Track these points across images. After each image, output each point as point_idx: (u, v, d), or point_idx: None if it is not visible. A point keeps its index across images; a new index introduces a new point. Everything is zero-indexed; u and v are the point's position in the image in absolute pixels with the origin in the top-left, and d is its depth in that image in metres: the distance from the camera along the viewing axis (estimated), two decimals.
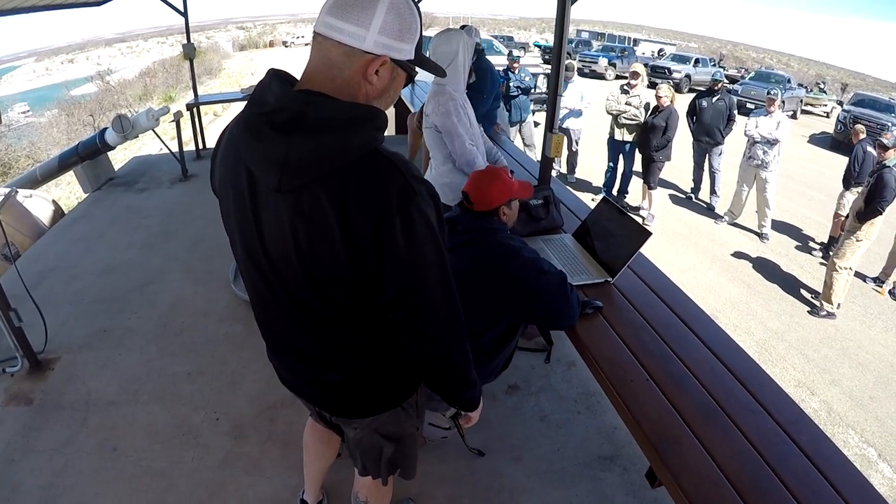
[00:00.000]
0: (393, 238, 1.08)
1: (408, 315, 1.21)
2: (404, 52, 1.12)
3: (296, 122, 1.05)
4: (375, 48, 1.07)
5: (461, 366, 1.36)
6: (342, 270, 1.14)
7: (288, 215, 1.12)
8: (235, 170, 1.19)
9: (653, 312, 2.33)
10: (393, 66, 1.12)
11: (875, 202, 5.19)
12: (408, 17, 1.10)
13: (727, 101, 7.54)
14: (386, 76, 1.12)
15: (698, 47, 52.05)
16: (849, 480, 1.57)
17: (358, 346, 1.32)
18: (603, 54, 26.34)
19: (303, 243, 1.13)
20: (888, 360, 4.92)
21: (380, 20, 1.06)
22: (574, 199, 3.66)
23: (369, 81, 1.10)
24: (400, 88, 1.20)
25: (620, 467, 2.68)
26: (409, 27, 1.10)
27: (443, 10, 44.76)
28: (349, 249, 1.10)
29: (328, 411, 1.50)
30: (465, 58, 3.02)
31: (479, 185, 2.12)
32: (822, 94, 22.73)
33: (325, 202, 1.07)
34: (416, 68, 1.19)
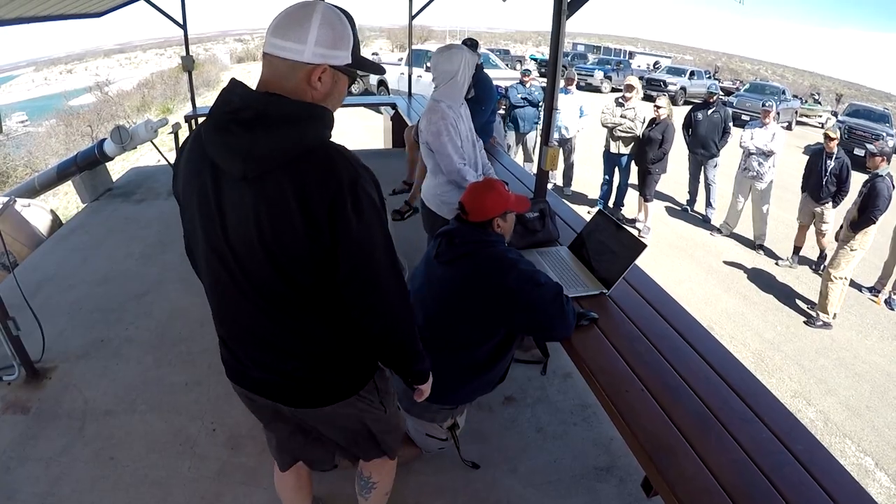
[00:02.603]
0: (345, 216, 1.22)
1: (360, 290, 1.32)
2: (340, 58, 1.27)
3: (259, 118, 1.20)
4: (314, 58, 1.23)
5: (410, 338, 1.48)
6: (302, 248, 1.26)
7: (251, 201, 1.24)
8: (200, 167, 1.31)
9: (648, 323, 2.34)
10: (333, 71, 1.27)
11: (868, 211, 5.23)
12: (339, 27, 1.25)
13: (722, 114, 7.59)
14: (328, 81, 1.27)
15: (693, 60, 52.37)
16: (844, 489, 1.57)
17: (315, 329, 1.41)
18: (598, 67, 26.46)
19: (265, 226, 1.25)
20: (885, 370, 4.94)
21: (314, 34, 1.21)
22: (570, 211, 3.68)
23: (314, 87, 1.25)
24: (344, 91, 1.35)
25: (617, 478, 2.68)
26: (341, 36, 1.25)
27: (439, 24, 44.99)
28: (308, 227, 1.22)
29: (288, 402, 1.54)
30: (465, 75, 3.04)
31: (474, 196, 2.14)
32: (816, 105, 22.90)
33: (287, 187, 1.21)
34: (356, 71, 1.33)
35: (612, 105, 7.50)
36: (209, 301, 1.53)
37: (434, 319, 2.15)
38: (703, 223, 8.07)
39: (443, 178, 3.11)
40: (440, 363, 2.14)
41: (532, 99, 8.07)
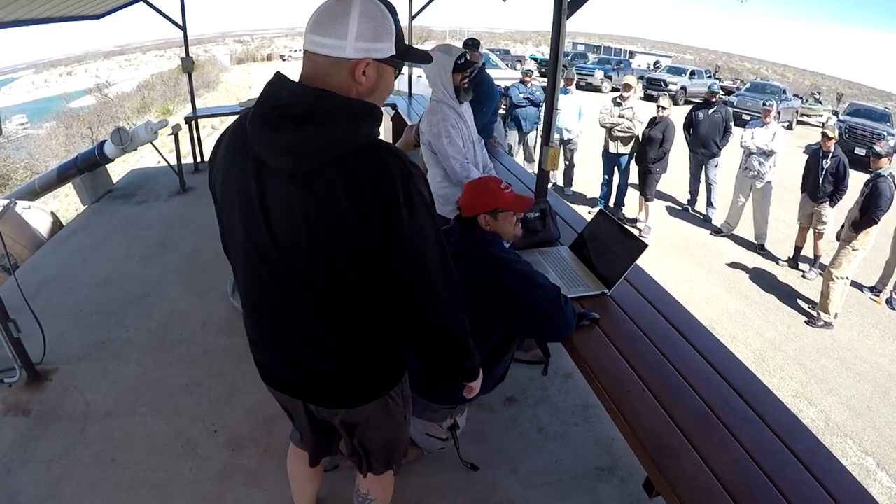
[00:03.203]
0: (398, 212, 1.21)
1: (411, 286, 1.31)
2: (383, 50, 1.23)
3: (310, 114, 1.18)
4: (357, 53, 1.20)
5: (461, 335, 1.46)
6: (355, 245, 1.25)
7: (300, 199, 1.23)
8: (242, 163, 1.30)
9: (649, 323, 2.34)
10: (377, 64, 1.25)
11: (870, 211, 5.22)
12: (380, 19, 1.21)
13: (723, 113, 7.59)
14: (373, 75, 1.25)
15: (694, 59, 52.30)
16: (846, 489, 1.57)
17: (357, 327, 1.41)
18: (599, 67, 26.46)
19: (316, 224, 1.24)
20: (886, 370, 4.93)
21: (354, 28, 1.18)
22: (571, 211, 3.68)
23: (358, 82, 1.23)
24: (390, 83, 1.33)
25: (618, 478, 2.68)
26: (382, 28, 1.22)
27: (439, 24, 45.02)
28: (362, 222, 1.21)
29: (316, 401, 1.54)
30: (444, 68, 3.00)
31: (465, 192, 2.16)
32: (817, 105, 22.88)
33: (339, 184, 1.20)
34: (402, 62, 1.31)
35: (609, 105, 7.52)
36: (242, 299, 1.51)
37: None
38: (704, 223, 8.07)
39: (444, 178, 3.11)
40: None
41: (534, 99, 8.08)
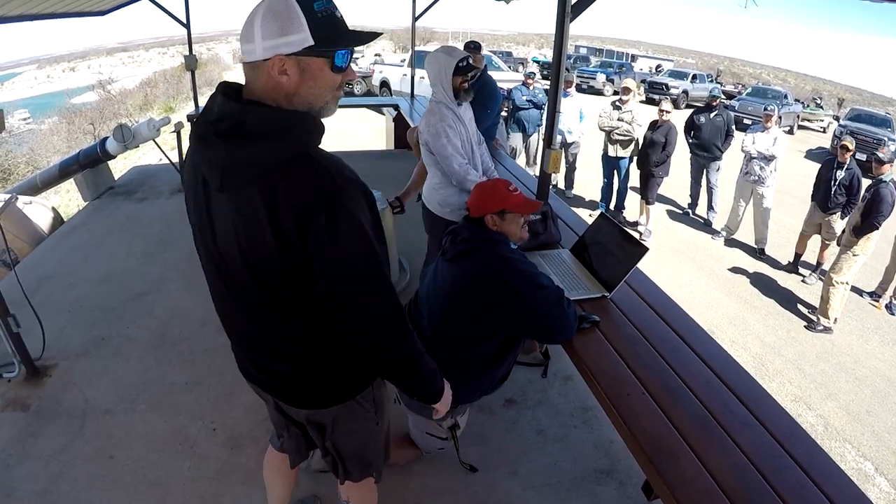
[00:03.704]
0: (318, 233, 1.18)
1: (341, 305, 1.27)
2: (294, 43, 1.16)
3: (235, 129, 1.18)
4: (266, 53, 1.16)
5: (406, 356, 1.42)
6: (276, 263, 1.24)
7: (230, 213, 1.25)
8: (194, 173, 1.32)
9: (649, 327, 2.34)
10: (296, 59, 1.18)
11: (872, 217, 5.22)
12: (284, 12, 1.15)
13: (724, 117, 7.59)
14: (294, 71, 1.19)
15: (696, 63, 52.35)
16: (844, 493, 1.58)
17: (301, 336, 1.40)
18: (601, 70, 26.47)
19: (241, 239, 1.25)
20: (885, 375, 4.93)
21: (259, 29, 1.15)
22: (572, 214, 3.68)
23: (279, 82, 1.19)
24: (324, 77, 1.23)
25: (617, 481, 2.69)
26: (289, 21, 1.15)
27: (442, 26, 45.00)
28: (278, 243, 1.20)
29: (280, 399, 1.56)
30: (445, 71, 3.00)
31: (475, 192, 2.17)
32: (818, 110, 22.85)
33: (258, 200, 1.18)
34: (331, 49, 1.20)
35: (609, 108, 7.52)
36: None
37: (437, 317, 2.15)
38: (705, 227, 8.07)
39: (442, 180, 3.11)
40: (441, 361, 2.15)
41: (536, 101, 8.08)
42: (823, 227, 6.45)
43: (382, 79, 17.07)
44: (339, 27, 1.21)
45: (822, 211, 6.34)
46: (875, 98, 49.70)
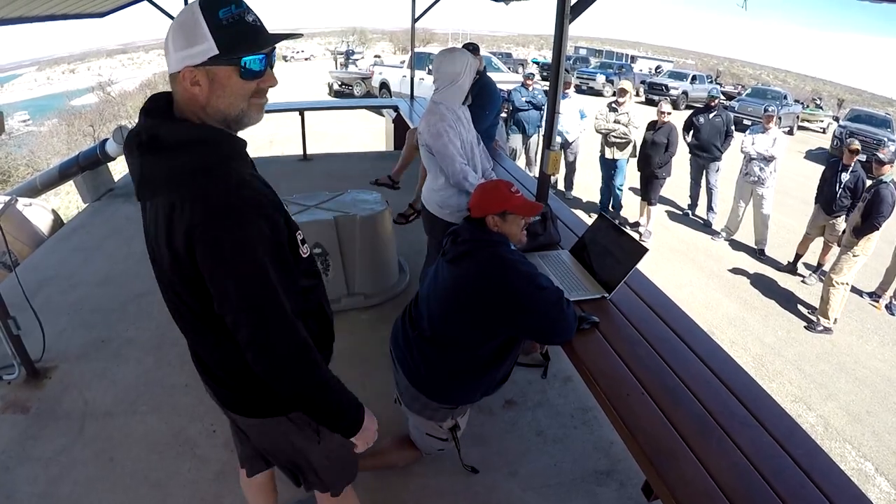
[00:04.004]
0: (203, 255, 1.16)
1: (233, 322, 1.24)
2: (199, 53, 1.14)
3: (151, 142, 1.19)
4: (177, 65, 1.16)
5: (305, 391, 1.33)
6: (177, 277, 1.25)
7: (147, 223, 1.29)
8: None
9: (649, 328, 2.34)
10: (205, 69, 1.16)
11: (872, 218, 5.22)
12: (189, 22, 1.13)
13: (724, 118, 7.59)
14: (204, 82, 1.18)
15: (695, 64, 52.31)
16: (845, 493, 1.58)
17: (225, 347, 1.37)
18: (600, 71, 26.48)
19: (153, 249, 1.29)
20: (885, 375, 4.93)
21: (172, 42, 1.16)
22: (571, 215, 3.68)
23: (193, 93, 1.18)
24: (234, 86, 1.20)
25: (617, 482, 2.68)
26: (193, 31, 1.13)
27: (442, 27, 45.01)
28: (172, 259, 1.21)
29: (220, 403, 1.56)
30: (467, 79, 3.04)
31: (477, 192, 2.17)
32: (818, 110, 22.85)
33: (161, 214, 1.19)
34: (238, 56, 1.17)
35: (605, 110, 7.50)
36: None
37: (437, 317, 2.15)
38: (705, 227, 8.07)
39: (442, 181, 3.11)
40: (441, 361, 2.15)
41: (536, 102, 8.08)
42: (827, 229, 6.44)
43: (382, 80, 17.10)
44: (245, 33, 1.17)
45: (827, 214, 6.32)
46: (875, 98, 49.68)
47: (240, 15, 1.16)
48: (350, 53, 30.30)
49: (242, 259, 1.18)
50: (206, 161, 1.19)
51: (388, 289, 4.19)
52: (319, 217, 3.77)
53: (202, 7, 1.13)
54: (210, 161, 1.19)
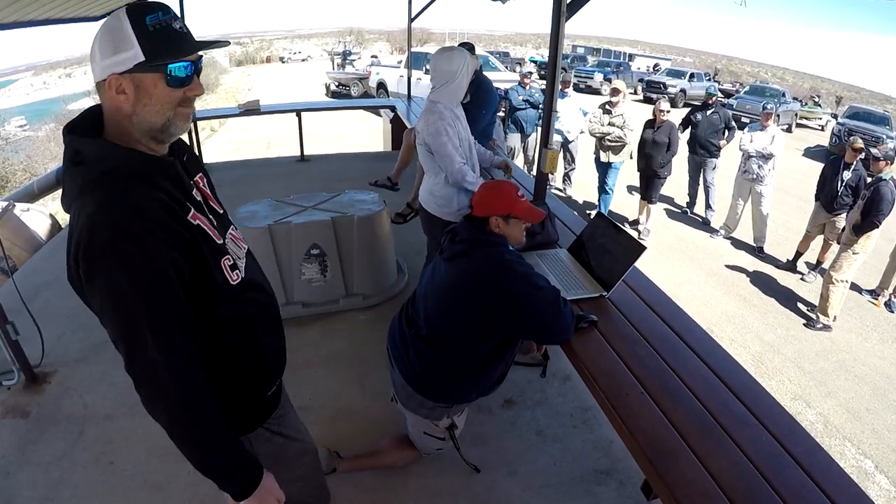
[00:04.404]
0: (83, 277, 1.13)
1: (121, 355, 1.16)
2: (126, 60, 1.11)
3: (72, 156, 1.17)
4: (102, 74, 1.13)
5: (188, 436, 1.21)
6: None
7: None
8: None
9: (648, 326, 2.34)
10: (130, 77, 1.13)
11: (872, 215, 5.21)
12: (115, 28, 1.11)
13: (721, 115, 7.59)
14: (130, 90, 1.14)
15: (693, 62, 52.41)
16: (845, 491, 1.57)
17: None
18: (598, 69, 26.51)
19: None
20: (885, 372, 4.93)
21: (97, 51, 1.12)
22: (569, 213, 3.68)
23: (119, 103, 1.15)
24: (159, 94, 1.16)
25: (616, 481, 2.68)
26: (119, 38, 1.11)
27: (439, 26, 44.97)
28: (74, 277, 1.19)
29: None
30: (464, 78, 3.05)
31: (481, 191, 2.16)
32: (816, 108, 22.88)
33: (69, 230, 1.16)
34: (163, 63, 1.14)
35: (598, 112, 7.36)
36: None
37: (434, 317, 2.15)
38: (703, 225, 8.07)
39: (441, 180, 3.11)
40: (437, 360, 2.15)
41: (533, 101, 8.06)
42: (828, 227, 6.43)
43: (379, 80, 17.11)
44: (172, 39, 1.15)
45: (828, 212, 6.31)
46: (873, 96, 49.76)
47: (167, 22, 1.15)
48: (347, 54, 30.35)
49: (112, 293, 1.11)
50: (103, 185, 1.12)
51: (386, 289, 4.19)
52: (317, 218, 3.78)
53: (128, 13, 1.11)
54: (107, 186, 1.12)
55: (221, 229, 1.36)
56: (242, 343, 1.39)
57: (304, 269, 3.81)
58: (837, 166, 6.14)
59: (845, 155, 6.07)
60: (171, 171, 1.24)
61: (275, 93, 22.23)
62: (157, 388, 1.15)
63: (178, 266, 1.16)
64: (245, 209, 3.90)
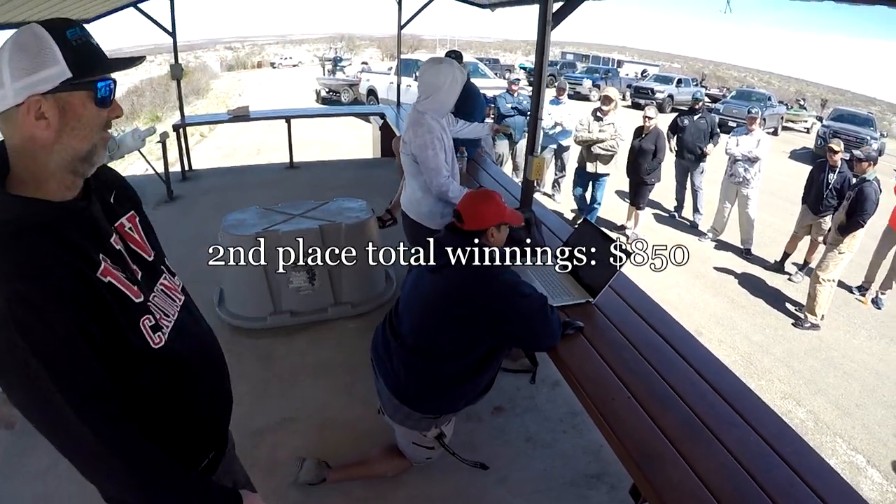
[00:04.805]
0: None
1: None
2: (50, 78, 0.99)
3: None
4: (19, 96, 0.98)
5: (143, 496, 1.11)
6: None
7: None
8: None
9: (634, 331, 2.35)
10: (54, 98, 1.00)
11: (857, 215, 5.26)
12: (34, 46, 0.98)
13: (708, 119, 7.65)
14: (54, 113, 1.01)
15: (681, 68, 52.80)
16: (834, 489, 1.59)
17: None
18: (587, 76, 26.67)
19: None
20: (873, 368, 4.97)
21: (7, 69, 0.97)
22: (556, 220, 3.70)
23: (36, 132, 1.00)
24: (87, 114, 1.05)
25: (607, 485, 2.69)
26: (40, 54, 0.98)
27: (430, 33, 45.15)
28: None
29: None
30: (452, 91, 3.03)
31: (473, 204, 2.15)
32: (802, 111, 23.15)
33: None
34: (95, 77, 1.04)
35: (587, 119, 7.10)
36: None
37: (419, 327, 2.15)
38: (691, 229, 8.10)
39: (424, 189, 3.11)
40: (424, 371, 2.14)
41: (521, 108, 8.04)
42: (814, 227, 6.49)
43: (370, 87, 17.15)
44: (96, 54, 1.05)
45: (814, 213, 6.38)
46: (858, 98, 50.22)
47: (86, 38, 1.04)
48: (338, 60, 30.36)
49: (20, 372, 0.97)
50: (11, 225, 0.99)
51: (374, 297, 4.18)
52: (305, 226, 3.76)
53: (47, 28, 1.00)
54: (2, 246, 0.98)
55: (147, 282, 1.19)
56: (170, 415, 1.22)
57: (293, 278, 3.80)
58: (823, 169, 6.20)
59: (828, 158, 6.14)
60: (82, 218, 1.08)
61: (265, 98, 22.19)
62: (91, 460, 1.05)
63: (87, 330, 1.00)
64: (232, 217, 3.88)
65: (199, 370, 1.30)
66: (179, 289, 1.33)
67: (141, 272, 1.18)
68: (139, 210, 1.30)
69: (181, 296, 1.32)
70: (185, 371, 1.23)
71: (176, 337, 1.20)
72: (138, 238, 1.24)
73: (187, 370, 1.24)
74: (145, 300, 1.15)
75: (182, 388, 1.23)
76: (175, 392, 1.21)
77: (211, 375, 1.36)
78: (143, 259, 1.22)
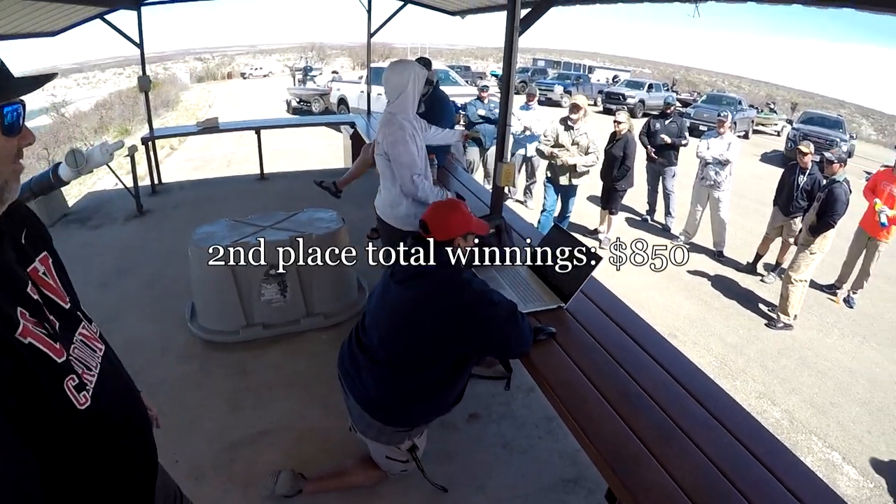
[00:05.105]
0: None
1: None
2: None
3: None
4: None
5: None
6: None
7: None
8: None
9: (606, 335, 2.35)
10: None
11: (827, 216, 5.34)
12: None
13: (679, 124, 7.76)
14: None
15: (652, 73, 53.38)
16: (808, 486, 1.60)
17: None
18: (558, 82, 26.88)
19: None
20: (846, 366, 5.04)
21: None
22: (526, 225, 3.71)
23: None
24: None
25: (585, 489, 2.68)
26: None
27: (401, 41, 45.14)
28: None
29: None
30: (415, 88, 3.07)
31: (439, 215, 2.14)
32: (772, 114, 23.57)
33: None
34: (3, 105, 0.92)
35: (555, 128, 6.68)
36: None
37: (388, 340, 2.12)
38: (663, 232, 8.17)
39: (399, 192, 3.11)
40: (393, 384, 2.12)
41: (492, 116, 8.02)
42: (785, 229, 6.60)
43: (340, 96, 17.11)
44: (4, 75, 0.93)
45: (785, 215, 6.49)
46: (827, 101, 51.20)
47: None
48: (308, 70, 30.22)
49: None
50: None
51: (347, 307, 4.13)
52: (275, 237, 3.72)
53: None
54: None
55: (65, 333, 1.05)
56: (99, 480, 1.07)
57: (264, 290, 3.75)
58: (794, 171, 6.31)
59: (798, 161, 6.24)
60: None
61: (236, 109, 21.99)
62: None
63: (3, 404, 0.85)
64: (202, 230, 3.82)
65: (124, 426, 1.16)
66: (98, 336, 1.19)
67: (59, 322, 1.04)
68: (51, 249, 1.18)
69: (101, 345, 1.18)
70: (111, 429, 1.10)
71: (101, 392, 1.06)
72: (53, 284, 1.11)
73: (113, 428, 1.11)
74: (67, 357, 1.00)
75: (109, 448, 1.09)
76: (103, 454, 1.07)
77: (135, 429, 1.23)
78: (60, 307, 1.08)
